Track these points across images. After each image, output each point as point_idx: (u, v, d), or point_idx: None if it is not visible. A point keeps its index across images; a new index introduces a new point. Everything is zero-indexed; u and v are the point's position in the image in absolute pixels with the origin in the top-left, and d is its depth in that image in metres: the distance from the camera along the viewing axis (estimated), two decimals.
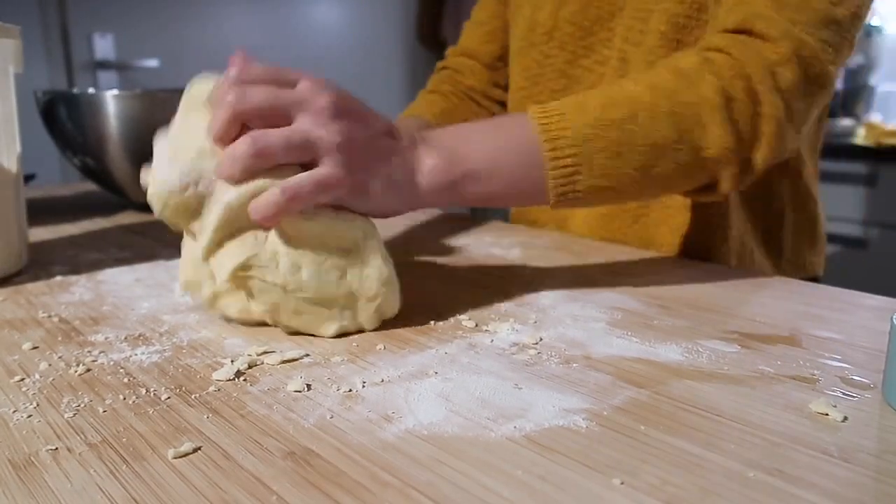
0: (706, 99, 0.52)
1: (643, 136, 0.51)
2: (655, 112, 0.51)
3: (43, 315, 0.52)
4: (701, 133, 0.52)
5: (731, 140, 0.52)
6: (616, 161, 0.51)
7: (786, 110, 0.53)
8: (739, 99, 0.52)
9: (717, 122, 0.52)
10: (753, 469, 0.31)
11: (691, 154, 0.52)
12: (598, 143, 0.50)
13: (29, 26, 2.09)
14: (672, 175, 0.53)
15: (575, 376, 0.40)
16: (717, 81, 0.52)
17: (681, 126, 0.51)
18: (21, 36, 0.62)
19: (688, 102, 0.52)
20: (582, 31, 0.75)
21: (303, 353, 0.44)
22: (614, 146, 0.50)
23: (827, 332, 0.47)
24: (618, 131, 0.50)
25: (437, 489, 0.29)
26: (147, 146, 0.87)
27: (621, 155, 0.51)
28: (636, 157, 0.51)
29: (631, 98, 0.52)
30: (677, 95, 0.52)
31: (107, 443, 0.34)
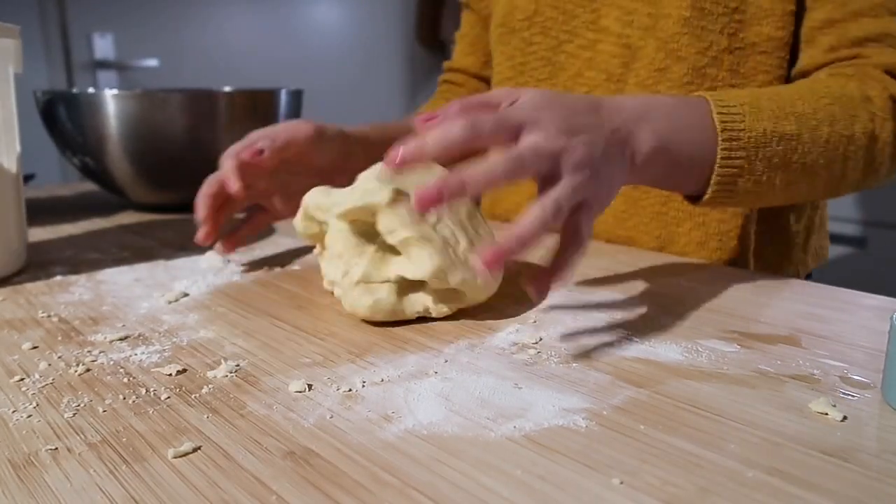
0: (856, 138, 0.55)
1: (800, 156, 0.53)
2: (816, 137, 0.54)
3: (43, 315, 0.52)
4: (842, 169, 0.56)
5: (860, 179, 0.58)
6: (772, 173, 0.53)
7: None
8: (883, 140, 0.57)
9: (855, 160, 0.56)
10: (753, 469, 0.31)
11: (826, 183, 0.56)
12: (766, 152, 0.52)
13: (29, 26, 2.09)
14: (804, 194, 0.57)
15: (575, 376, 0.40)
16: (870, 124, 0.56)
17: (829, 157, 0.55)
18: (21, 36, 0.62)
19: (841, 135, 0.55)
20: (564, 14, 0.74)
21: (302, 352, 0.44)
22: (776, 159, 0.53)
23: (827, 332, 0.47)
24: (784, 147, 0.53)
25: (437, 489, 0.29)
26: (147, 146, 0.87)
27: (778, 169, 0.53)
28: (788, 174, 0.54)
29: (799, 116, 0.54)
30: (836, 125, 0.55)
31: (106, 443, 0.34)
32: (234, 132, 0.88)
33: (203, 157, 0.88)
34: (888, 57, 0.60)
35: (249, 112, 0.90)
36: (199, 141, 0.87)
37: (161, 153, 0.86)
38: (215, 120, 0.87)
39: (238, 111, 0.89)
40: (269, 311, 0.52)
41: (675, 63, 0.68)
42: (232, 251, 0.65)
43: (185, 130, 0.85)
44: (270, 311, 0.52)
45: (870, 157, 0.56)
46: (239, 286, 0.58)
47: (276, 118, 0.93)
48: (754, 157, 0.52)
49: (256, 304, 0.54)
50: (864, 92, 0.57)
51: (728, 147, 0.51)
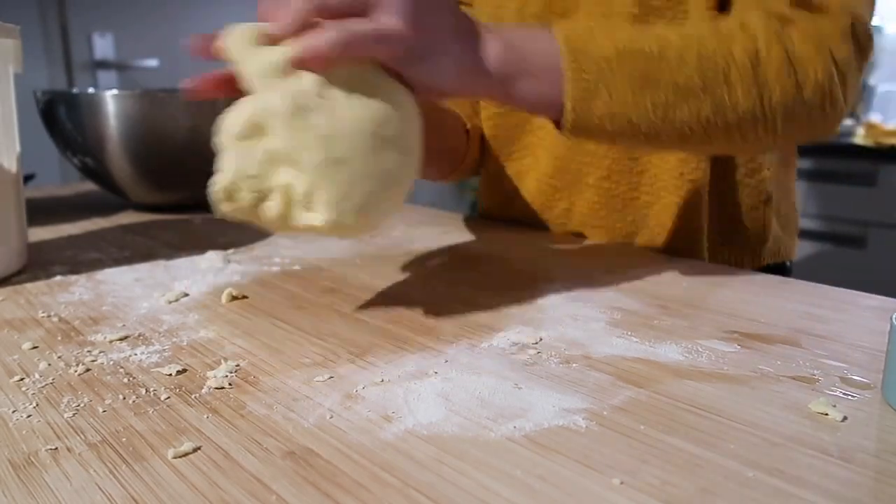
0: (734, 57, 0.51)
1: (668, 73, 0.49)
2: (684, 55, 0.50)
3: (43, 315, 0.52)
4: (726, 90, 0.51)
5: (755, 104, 0.51)
6: (638, 92, 0.49)
7: (840, 82, 0.53)
8: (775, 64, 0.51)
9: (743, 84, 0.51)
10: (753, 469, 0.31)
11: (714, 108, 0.51)
12: (622, 67, 0.49)
13: (29, 26, 2.09)
14: (692, 125, 0.51)
15: (575, 376, 0.40)
16: (750, 44, 0.51)
17: (707, 75, 0.50)
18: (21, 36, 0.62)
19: (717, 54, 0.50)
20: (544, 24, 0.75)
21: (302, 353, 0.44)
22: (638, 74, 0.49)
23: (827, 332, 0.47)
24: (643, 62, 0.49)
25: (437, 489, 0.29)
26: (146, 146, 0.87)
27: (644, 87, 0.49)
28: (659, 94, 0.49)
29: (660, 37, 0.50)
30: (706, 45, 0.51)
31: (106, 443, 0.34)
32: None
33: (203, 158, 0.88)
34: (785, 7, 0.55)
35: None
36: (200, 141, 0.87)
37: (161, 153, 0.86)
38: (215, 120, 0.87)
39: None
40: (269, 311, 0.52)
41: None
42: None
43: (185, 130, 0.85)
44: (270, 311, 0.52)
45: (763, 80, 0.51)
46: (239, 286, 0.58)
47: None
48: (609, 72, 0.48)
49: (256, 304, 0.54)
50: (739, 20, 0.53)
51: (575, 61, 0.48)
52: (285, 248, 0.72)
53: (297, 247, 0.72)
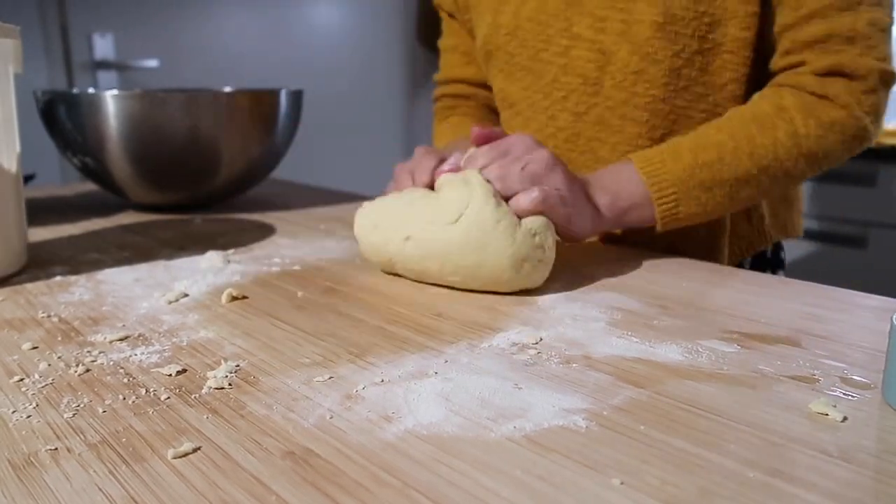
0: (779, 141, 0.65)
1: (729, 173, 0.64)
2: (738, 155, 0.64)
3: (43, 315, 0.52)
4: (777, 166, 0.65)
5: (804, 166, 0.66)
6: (708, 194, 0.65)
7: (872, 124, 0.68)
8: (813, 135, 0.65)
9: (790, 157, 0.65)
10: (753, 469, 0.31)
11: (770, 181, 0.66)
12: (693, 182, 0.64)
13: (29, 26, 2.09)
14: (756, 196, 0.68)
15: (575, 376, 0.40)
16: (789, 126, 0.65)
17: (760, 163, 0.65)
18: (21, 36, 0.62)
19: (765, 145, 0.65)
20: (540, 25, 0.77)
21: (302, 352, 0.44)
22: (707, 183, 0.64)
23: (827, 332, 0.47)
24: (708, 171, 0.64)
25: (437, 489, 0.29)
26: (147, 146, 0.87)
27: (712, 189, 0.65)
28: (725, 190, 0.65)
29: (717, 144, 0.65)
30: (754, 140, 0.64)
31: (106, 443, 0.34)
32: (234, 132, 0.88)
33: (203, 158, 0.88)
34: (826, 59, 0.66)
35: (249, 112, 0.90)
36: (200, 141, 0.87)
37: (161, 153, 0.86)
38: (215, 120, 0.87)
39: (238, 111, 0.89)
40: (269, 311, 0.52)
41: (651, 66, 0.71)
42: None
43: (185, 130, 0.85)
44: (270, 311, 0.52)
45: (805, 148, 0.65)
46: (239, 286, 0.58)
47: (277, 118, 0.93)
48: (684, 188, 0.64)
49: (256, 304, 0.54)
50: (777, 104, 0.66)
51: (657, 189, 0.64)
52: (285, 249, 0.72)
53: (297, 247, 0.72)
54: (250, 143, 0.91)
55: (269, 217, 0.89)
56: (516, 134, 0.62)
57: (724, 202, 0.65)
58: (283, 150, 0.97)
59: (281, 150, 0.97)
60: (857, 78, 0.66)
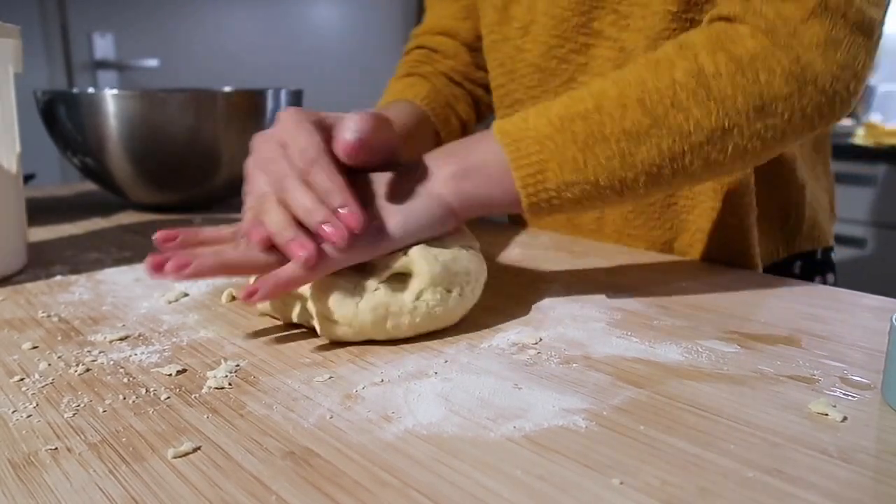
0: (678, 82, 0.49)
1: (612, 124, 0.48)
2: (623, 101, 0.49)
3: (43, 315, 0.52)
4: (680, 115, 0.49)
5: (717, 118, 0.49)
6: (586, 152, 0.48)
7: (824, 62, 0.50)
8: (723, 73, 0.49)
9: (697, 103, 0.49)
10: (753, 469, 0.31)
11: (676, 137, 0.49)
12: (563, 136, 0.48)
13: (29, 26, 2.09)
14: (658, 162, 0.49)
15: (574, 376, 0.40)
16: (688, 64, 0.49)
17: (654, 111, 0.49)
18: (21, 36, 0.62)
19: (658, 88, 0.49)
20: (555, 20, 0.71)
21: (303, 353, 0.44)
22: (581, 137, 0.48)
23: (827, 333, 0.47)
24: (582, 123, 0.49)
25: (437, 489, 0.29)
26: (147, 146, 0.87)
27: (591, 146, 0.48)
28: (609, 146, 0.48)
29: (595, 93, 0.50)
30: (646, 83, 0.49)
31: (106, 442, 0.34)
32: (233, 132, 0.88)
33: (203, 157, 0.88)
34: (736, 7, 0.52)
35: (249, 112, 0.90)
36: (199, 141, 0.87)
37: (161, 153, 0.86)
38: (215, 120, 0.87)
39: (238, 111, 0.89)
40: (270, 311, 0.52)
41: None
42: None
43: (185, 130, 0.85)
44: (270, 311, 0.52)
45: (715, 92, 0.49)
46: (239, 286, 0.58)
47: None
48: (551, 146, 0.48)
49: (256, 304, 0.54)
50: (679, 42, 0.51)
51: (517, 148, 0.49)
52: None
53: None
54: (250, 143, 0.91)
55: None
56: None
57: (614, 165, 0.49)
58: None
59: None
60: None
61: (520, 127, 0.49)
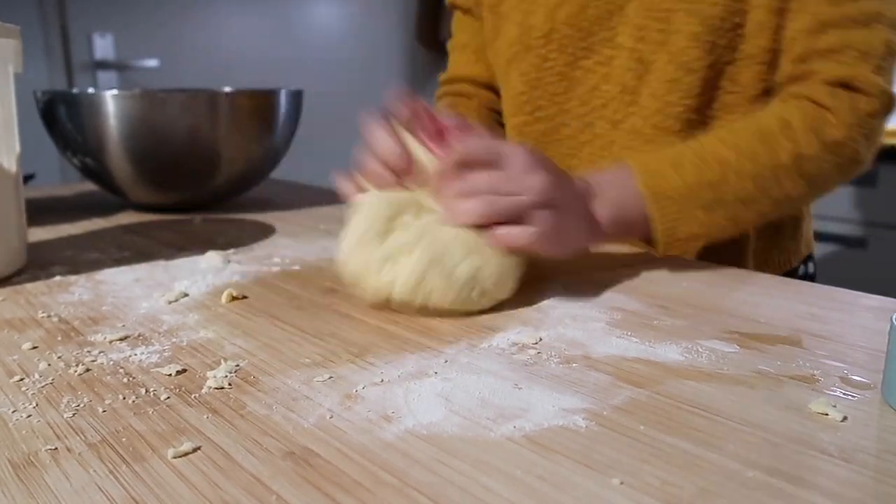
0: (782, 163, 0.62)
1: (732, 194, 0.62)
2: (741, 174, 0.62)
3: (42, 315, 0.52)
4: (778, 189, 0.63)
5: (802, 189, 0.64)
6: (710, 215, 0.61)
7: (869, 150, 0.66)
8: (814, 157, 0.63)
9: (791, 179, 0.63)
10: (753, 469, 0.31)
11: (771, 204, 0.64)
12: (696, 201, 0.61)
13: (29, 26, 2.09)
14: (755, 220, 0.66)
15: (575, 376, 0.40)
16: (791, 145, 0.62)
17: (762, 185, 0.62)
18: (21, 36, 0.62)
19: (767, 166, 0.62)
20: (581, 32, 0.76)
21: (303, 353, 0.44)
22: (709, 203, 0.61)
23: (827, 333, 0.47)
24: (712, 191, 0.61)
25: (437, 489, 0.29)
26: (147, 146, 0.87)
27: (714, 210, 0.61)
28: (727, 211, 0.62)
29: (721, 161, 0.62)
30: (757, 160, 0.62)
31: (106, 443, 0.34)
32: (234, 132, 0.88)
33: (203, 158, 0.88)
34: (838, 70, 0.65)
35: (249, 112, 0.90)
36: (199, 141, 0.87)
37: (161, 153, 0.86)
38: (215, 120, 0.87)
39: (238, 111, 0.89)
40: (269, 311, 0.52)
41: (686, 75, 0.71)
42: None
43: (185, 131, 0.86)
44: (270, 311, 0.52)
45: (806, 171, 0.63)
46: (239, 286, 0.58)
47: (277, 118, 0.93)
48: (686, 207, 0.60)
49: (256, 304, 0.54)
50: (783, 120, 0.64)
51: (660, 206, 0.60)
52: (285, 249, 0.72)
53: (297, 247, 0.72)
54: (250, 143, 0.91)
55: (269, 217, 0.89)
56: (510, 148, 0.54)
57: (725, 224, 0.63)
58: (283, 150, 0.97)
59: (281, 150, 0.97)
60: (864, 94, 0.64)
61: (661, 185, 0.61)
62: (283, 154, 0.98)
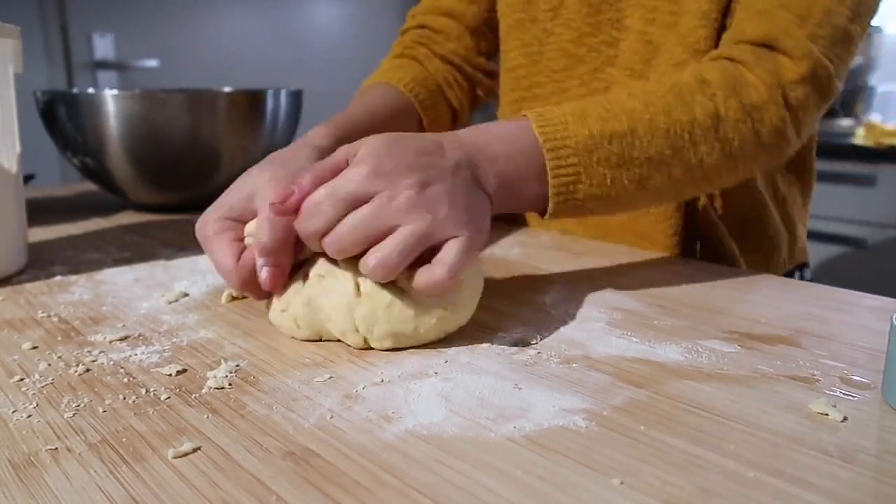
0: (697, 120, 0.54)
1: (641, 150, 0.53)
2: (653, 128, 0.53)
3: (42, 315, 0.52)
4: (693, 151, 0.55)
5: (718, 157, 0.55)
6: (615, 172, 0.53)
7: (792, 122, 0.57)
8: (732, 118, 0.55)
9: (707, 142, 0.55)
10: (753, 469, 0.31)
11: (683, 170, 0.55)
12: (599, 153, 0.52)
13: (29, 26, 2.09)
14: (665, 188, 0.55)
15: (575, 376, 0.40)
16: (709, 103, 0.55)
17: (675, 143, 0.54)
18: (21, 36, 0.62)
19: (681, 121, 0.54)
20: (590, 7, 0.73)
21: (303, 353, 0.44)
22: (614, 158, 0.52)
23: (827, 333, 0.47)
24: (618, 144, 0.52)
25: (437, 489, 0.29)
26: (147, 146, 0.87)
27: (620, 167, 0.53)
28: (634, 170, 0.53)
29: (630, 112, 0.54)
30: (671, 114, 0.54)
31: (106, 443, 0.34)
32: (234, 132, 0.88)
33: (203, 158, 0.88)
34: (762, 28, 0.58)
35: (249, 112, 0.90)
36: (199, 141, 0.87)
37: (161, 153, 0.86)
38: (215, 120, 0.87)
39: (238, 111, 0.89)
40: None
41: (693, 57, 0.67)
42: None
43: (185, 131, 0.86)
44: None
45: (723, 134, 0.55)
46: None
47: (277, 118, 0.93)
48: (588, 161, 0.52)
49: (256, 304, 0.54)
50: (700, 76, 0.56)
51: (557, 157, 0.51)
52: None
53: None
54: (250, 143, 0.91)
55: None
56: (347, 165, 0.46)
57: (631, 189, 0.54)
58: None
59: None
60: (789, 56, 0.57)
61: (560, 131, 0.52)
62: None
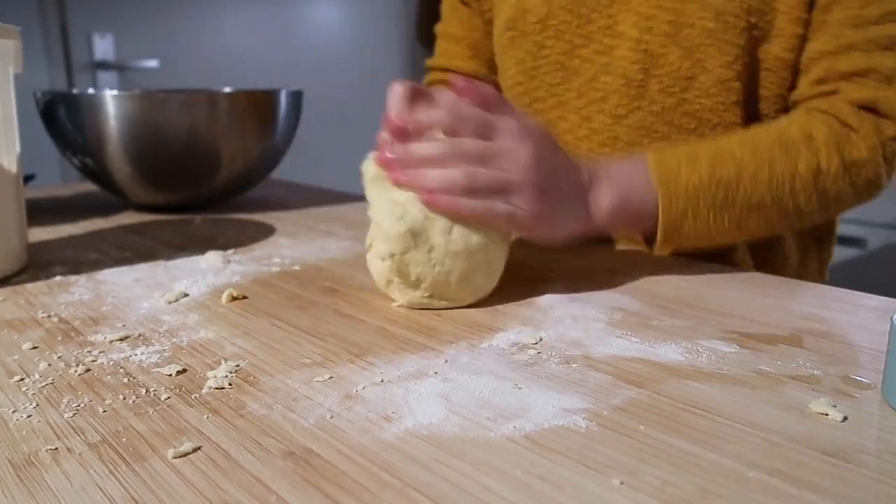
0: (799, 174, 0.61)
1: (743, 197, 0.60)
2: (757, 179, 0.60)
3: (43, 315, 0.52)
4: (791, 201, 0.61)
5: (815, 206, 0.62)
6: (718, 216, 0.60)
7: (887, 173, 0.65)
8: (833, 173, 0.61)
9: (806, 193, 0.61)
10: (753, 469, 0.31)
11: (780, 215, 0.62)
12: (706, 198, 0.59)
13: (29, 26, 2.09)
14: (759, 228, 0.63)
15: (575, 376, 0.40)
16: (814, 159, 0.61)
17: (775, 193, 0.60)
18: (21, 36, 0.62)
19: (784, 174, 0.60)
20: (579, 19, 0.74)
21: (303, 352, 0.44)
22: (719, 203, 0.59)
23: (827, 332, 0.47)
24: (723, 190, 0.59)
25: (437, 489, 0.29)
26: (147, 147, 0.87)
27: (723, 211, 0.59)
28: (735, 214, 0.60)
29: (737, 162, 0.60)
30: (774, 166, 0.60)
31: (106, 443, 0.34)
32: (233, 132, 0.88)
33: (203, 158, 0.88)
34: (862, 93, 0.64)
35: (249, 112, 0.90)
36: (199, 142, 0.87)
37: (161, 154, 0.86)
38: (215, 121, 0.87)
39: (238, 112, 0.89)
40: (269, 311, 0.52)
41: (701, 73, 0.69)
42: None
43: (185, 131, 0.85)
44: (270, 311, 0.52)
45: (823, 187, 0.61)
46: (239, 286, 0.58)
47: (276, 119, 0.93)
48: (696, 203, 0.59)
49: (256, 304, 0.54)
50: (806, 132, 0.62)
51: (669, 199, 0.58)
52: (285, 249, 0.72)
53: (297, 247, 0.72)
54: (250, 143, 0.91)
55: (269, 217, 0.89)
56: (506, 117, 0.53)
57: (730, 229, 0.60)
58: (283, 150, 0.97)
59: (281, 150, 0.97)
60: (888, 118, 0.63)
61: (674, 177, 0.59)
62: (283, 154, 0.98)
